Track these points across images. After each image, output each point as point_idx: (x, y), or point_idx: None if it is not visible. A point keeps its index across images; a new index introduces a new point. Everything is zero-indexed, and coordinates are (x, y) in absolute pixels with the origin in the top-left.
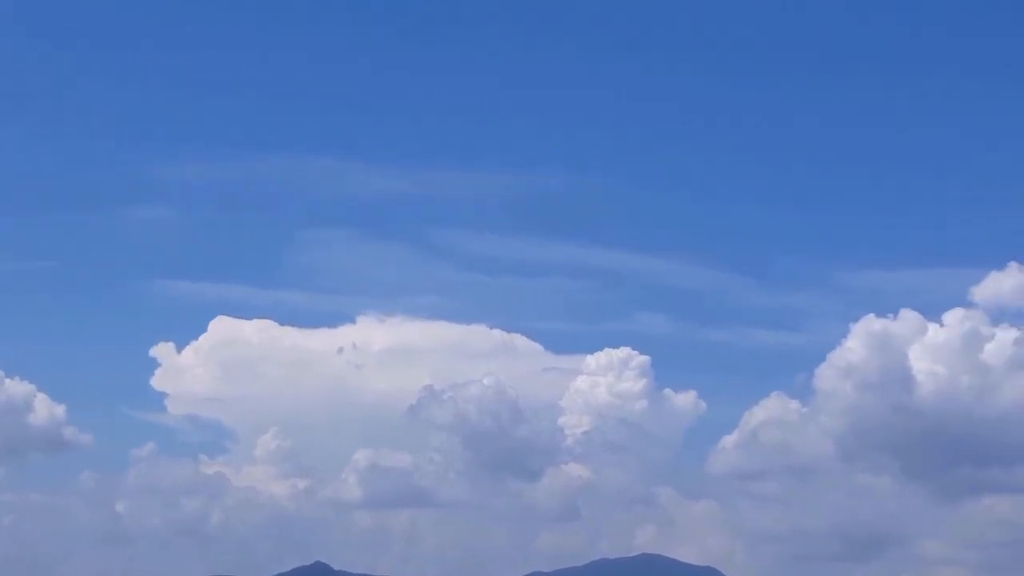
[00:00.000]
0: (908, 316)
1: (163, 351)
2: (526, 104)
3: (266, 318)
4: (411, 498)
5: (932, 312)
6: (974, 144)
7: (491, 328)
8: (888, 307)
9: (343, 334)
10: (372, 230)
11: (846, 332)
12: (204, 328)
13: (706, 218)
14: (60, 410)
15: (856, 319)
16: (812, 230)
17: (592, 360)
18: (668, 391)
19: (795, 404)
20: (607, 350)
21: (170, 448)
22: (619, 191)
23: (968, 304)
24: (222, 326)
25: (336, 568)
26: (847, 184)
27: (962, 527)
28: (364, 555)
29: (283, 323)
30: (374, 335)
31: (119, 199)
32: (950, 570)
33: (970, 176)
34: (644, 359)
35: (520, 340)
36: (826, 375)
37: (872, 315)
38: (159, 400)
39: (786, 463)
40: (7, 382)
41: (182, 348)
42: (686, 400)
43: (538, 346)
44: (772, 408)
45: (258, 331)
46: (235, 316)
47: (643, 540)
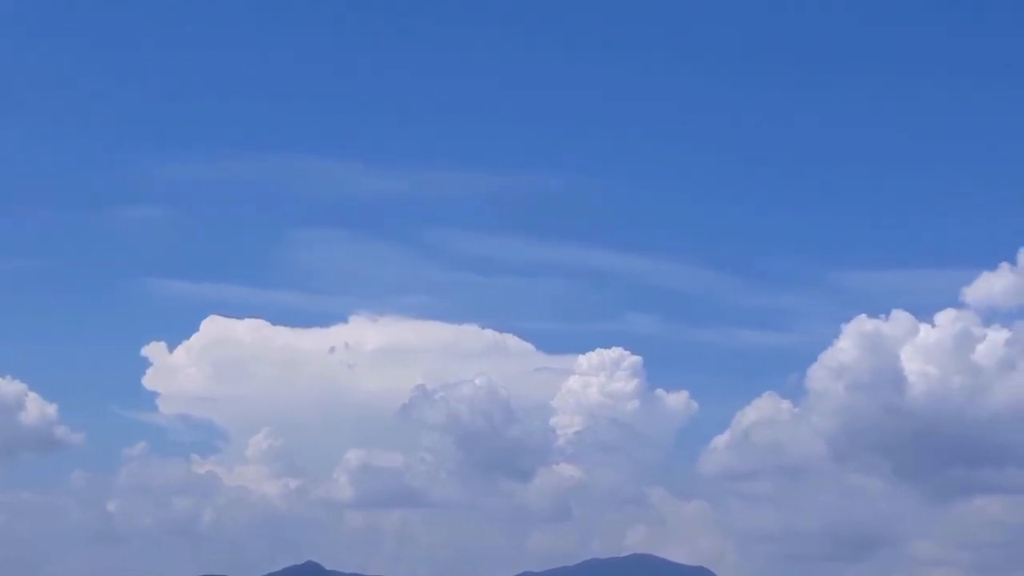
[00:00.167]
0: (900, 317)
1: (155, 350)
2: (518, 105)
3: (258, 317)
4: (403, 498)
5: (924, 313)
6: (967, 145)
7: (483, 328)
8: (880, 307)
9: (335, 334)
10: (364, 230)
11: (838, 332)
12: (196, 327)
13: (699, 219)
14: (51, 409)
15: (848, 319)
16: (804, 231)
17: (584, 360)
18: (660, 391)
19: (787, 404)
20: (599, 350)
21: (162, 447)
22: (611, 192)
23: (960, 305)
24: (214, 326)
25: (328, 568)
26: (839, 185)
27: (954, 527)
28: (355, 555)
29: (275, 323)
30: (366, 335)
31: (111, 198)
32: (942, 570)
33: (962, 177)
34: (636, 359)
35: (512, 340)
36: (818, 375)
37: (864, 315)
38: (151, 399)
39: (778, 463)
40: None
41: (174, 347)
42: (678, 400)
43: (530, 346)
44: (764, 408)
45: (250, 331)
46: (227, 315)
47: (634, 540)
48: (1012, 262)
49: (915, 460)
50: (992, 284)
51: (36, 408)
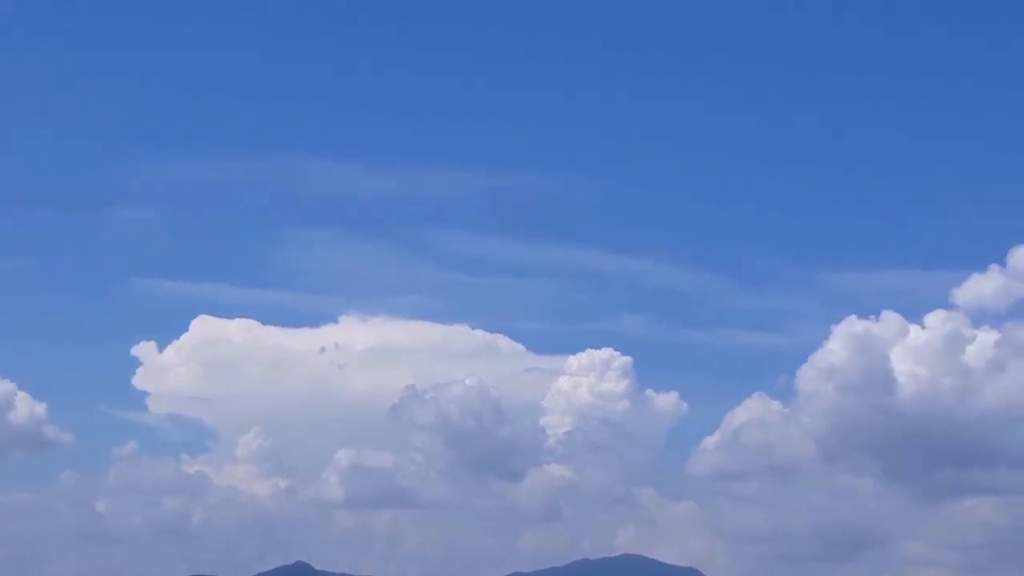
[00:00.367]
0: (890, 318)
1: (145, 350)
2: (510, 105)
3: (248, 317)
4: (393, 498)
5: (914, 314)
6: (957, 146)
7: (473, 328)
8: (870, 309)
9: (325, 334)
10: (355, 230)
11: (828, 333)
12: (186, 327)
13: (689, 219)
14: (41, 408)
15: (838, 320)
16: (794, 232)
17: (574, 361)
18: (650, 392)
19: (777, 405)
20: (589, 351)
21: (151, 447)
22: (602, 192)
23: (949, 306)
24: (204, 325)
25: (317, 568)
26: (829, 186)
27: (943, 528)
28: (346, 555)
29: (265, 322)
30: (356, 335)
31: (101, 198)
32: (931, 571)
33: (952, 179)
34: (626, 360)
35: (502, 340)
36: (808, 376)
37: (854, 316)
38: (140, 399)
39: (768, 464)
40: None
41: (164, 347)
42: (668, 401)
43: (520, 346)
44: (754, 409)
45: (240, 330)
46: (217, 315)
47: (624, 540)
48: (1002, 264)
49: (905, 461)
50: (982, 285)
51: (25, 407)
